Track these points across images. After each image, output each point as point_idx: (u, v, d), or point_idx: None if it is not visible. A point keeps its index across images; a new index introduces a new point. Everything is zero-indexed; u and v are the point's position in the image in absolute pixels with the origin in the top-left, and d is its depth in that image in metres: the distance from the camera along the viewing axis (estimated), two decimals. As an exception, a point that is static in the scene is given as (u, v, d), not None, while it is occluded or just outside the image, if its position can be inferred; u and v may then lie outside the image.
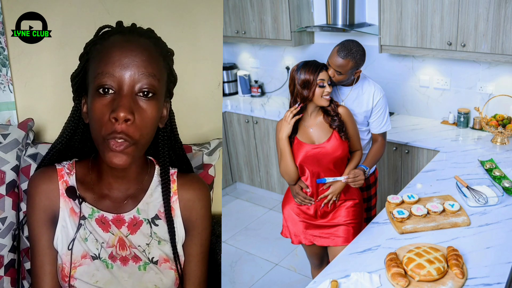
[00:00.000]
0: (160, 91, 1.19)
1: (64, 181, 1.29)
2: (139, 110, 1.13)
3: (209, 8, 1.77)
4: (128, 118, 1.10)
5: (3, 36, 1.67)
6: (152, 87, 1.14)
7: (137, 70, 1.12)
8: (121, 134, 1.11)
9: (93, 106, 1.13)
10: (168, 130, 1.35)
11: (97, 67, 1.13)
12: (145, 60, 1.14)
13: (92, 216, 1.27)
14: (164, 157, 1.32)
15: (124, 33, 1.19)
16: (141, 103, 1.14)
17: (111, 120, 1.10)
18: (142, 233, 1.29)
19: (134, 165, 1.28)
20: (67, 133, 1.32)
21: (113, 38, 1.18)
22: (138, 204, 1.30)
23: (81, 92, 1.25)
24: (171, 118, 1.35)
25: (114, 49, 1.14)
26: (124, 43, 1.15)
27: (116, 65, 1.11)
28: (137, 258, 1.28)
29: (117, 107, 1.09)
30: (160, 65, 1.19)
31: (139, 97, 1.14)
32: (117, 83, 1.11)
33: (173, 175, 1.35)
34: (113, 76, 1.11)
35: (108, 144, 1.12)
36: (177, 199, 1.33)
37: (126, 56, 1.12)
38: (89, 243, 1.26)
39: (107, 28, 1.22)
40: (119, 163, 1.14)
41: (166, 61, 1.24)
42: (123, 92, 1.11)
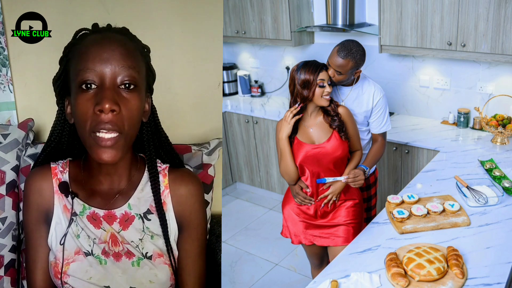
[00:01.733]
0: (141, 84, 1.21)
1: (58, 179, 1.31)
2: (123, 101, 1.15)
3: (209, 8, 1.77)
4: (113, 108, 1.11)
5: (3, 36, 1.67)
6: (133, 78, 1.16)
7: (117, 63, 1.14)
8: (108, 124, 1.12)
9: (76, 102, 1.14)
10: (152, 124, 1.36)
11: (78, 64, 1.15)
12: (124, 54, 1.16)
13: (84, 213, 1.29)
14: (150, 151, 1.34)
15: (100, 31, 1.22)
16: (124, 94, 1.15)
17: (96, 112, 1.11)
18: (135, 228, 1.30)
19: (123, 161, 1.29)
20: (55, 137, 1.34)
21: (90, 37, 1.20)
22: (129, 199, 1.31)
23: (63, 95, 1.27)
24: (153, 113, 1.37)
25: (93, 46, 1.16)
26: (102, 40, 1.17)
27: (97, 60, 1.13)
28: (130, 254, 1.29)
29: (101, 99, 1.11)
30: (138, 59, 1.21)
31: (121, 90, 1.15)
32: (99, 78, 1.13)
33: (164, 170, 1.36)
34: (94, 70, 1.13)
35: (96, 140, 1.13)
36: (169, 193, 1.33)
37: (105, 51, 1.14)
38: (82, 239, 1.28)
39: (84, 31, 1.25)
40: (108, 159, 1.15)
41: (143, 55, 1.26)
42: (106, 85, 1.13)
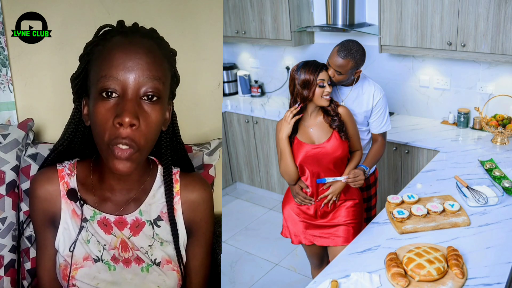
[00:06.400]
0: (165, 94, 1.16)
1: (65, 182, 1.27)
2: (143, 115, 1.10)
3: (209, 8, 1.77)
4: (133, 123, 1.07)
5: (3, 36, 1.67)
6: (157, 90, 1.11)
7: (142, 73, 1.09)
8: (126, 140, 1.08)
9: (95, 110, 1.09)
10: (171, 132, 1.32)
11: (100, 69, 1.10)
12: (150, 63, 1.10)
13: (94, 218, 1.26)
14: (167, 159, 1.30)
15: (127, 34, 1.15)
16: (145, 107, 1.10)
17: (115, 125, 1.07)
18: (145, 234, 1.28)
19: (136, 168, 1.27)
20: (68, 135, 1.30)
21: (115, 39, 1.13)
22: (141, 205, 1.29)
23: (81, 94, 1.22)
24: (173, 120, 1.33)
25: (117, 51, 1.09)
26: (127, 45, 1.11)
27: (120, 68, 1.08)
28: (139, 260, 1.27)
29: (122, 111, 1.06)
30: (164, 67, 1.16)
31: (143, 101, 1.10)
32: (121, 87, 1.08)
33: (175, 175, 1.33)
34: (117, 79, 1.07)
35: (113, 151, 1.09)
36: (179, 199, 1.32)
37: (130, 59, 1.08)
38: (91, 245, 1.26)
39: (107, 27, 1.19)
40: (124, 170, 1.12)
41: (170, 62, 1.21)
42: (128, 96, 1.08)
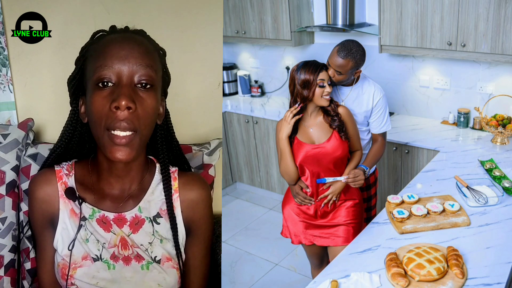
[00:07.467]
0: (157, 84, 1.21)
1: (63, 182, 1.29)
2: (139, 100, 1.14)
3: (209, 8, 1.77)
4: (129, 105, 1.11)
5: (3, 36, 1.67)
6: (150, 77, 1.16)
7: (135, 62, 1.14)
8: (124, 122, 1.11)
9: (92, 100, 1.14)
10: (165, 128, 1.36)
11: (95, 61, 1.15)
12: (142, 53, 1.16)
13: (93, 216, 1.27)
14: (163, 153, 1.33)
15: (119, 33, 1.23)
16: (140, 93, 1.15)
17: (112, 110, 1.11)
18: (145, 231, 1.29)
19: (136, 164, 1.28)
20: (66, 137, 1.33)
21: (109, 37, 1.21)
22: (140, 202, 1.30)
23: (78, 94, 1.26)
24: (167, 117, 1.37)
25: (111, 44, 1.16)
26: (121, 38, 1.18)
27: (114, 58, 1.13)
28: (139, 258, 1.28)
29: (118, 96, 1.11)
30: (155, 58, 1.22)
31: (138, 88, 1.15)
32: (116, 75, 1.13)
33: (174, 173, 1.35)
34: (112, 68, 1.13)
35: (111, 137, 1.13)
36: (178, 197, 1.33)
37: (124, 49, 1.14)
38: (90, 244, 1.26)
39: (101, 32, 1.25)
40: (122, 157, 1.15)
41: (160, 57, 1.27)
42: (123, 83, 1.13)
